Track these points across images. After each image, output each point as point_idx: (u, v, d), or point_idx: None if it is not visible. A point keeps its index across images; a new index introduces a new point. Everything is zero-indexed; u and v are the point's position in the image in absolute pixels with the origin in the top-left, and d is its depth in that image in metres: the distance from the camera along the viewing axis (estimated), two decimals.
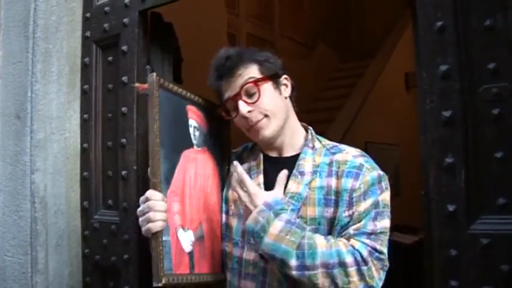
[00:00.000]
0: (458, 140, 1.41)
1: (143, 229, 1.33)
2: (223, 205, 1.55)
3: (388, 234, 1.34)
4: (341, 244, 1.26)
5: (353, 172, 1.36)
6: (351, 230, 1.30)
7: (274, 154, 1.53)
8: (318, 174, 1.41)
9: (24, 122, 2.31)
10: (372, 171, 1.36)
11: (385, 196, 1.36)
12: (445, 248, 1.41)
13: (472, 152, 1.40)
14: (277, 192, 1.35)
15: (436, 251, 1.44)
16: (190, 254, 1.44)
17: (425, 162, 1.48)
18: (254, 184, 1.36)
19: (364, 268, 1.24)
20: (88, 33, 2.39)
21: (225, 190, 1.56)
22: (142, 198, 1.34)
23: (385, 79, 6.35)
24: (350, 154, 1.42)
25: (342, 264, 1.23)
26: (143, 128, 2.06)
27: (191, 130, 1.53)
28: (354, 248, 1.25)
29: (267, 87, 1.44)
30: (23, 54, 2.35)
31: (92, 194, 2.32)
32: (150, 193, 1.33)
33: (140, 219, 1.34)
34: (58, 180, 2.32)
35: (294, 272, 1.24)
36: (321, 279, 1.24)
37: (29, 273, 2.24)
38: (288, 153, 1.50)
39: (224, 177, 1.59)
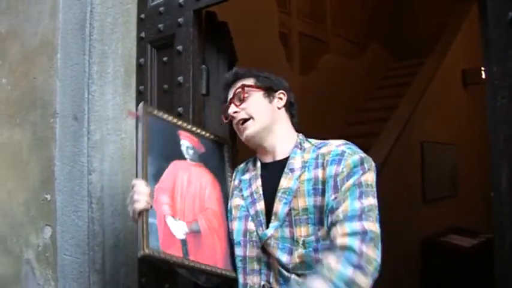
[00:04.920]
0: None
1: (130, 213, 1.49)
2: (228, 215, 1.70)
3: (376, 210, 1.43)
4: (334, 263, 1.32)
5: (336, 159, 1.49)
6: (340, 215, 1.39)
7: (269, 160, 1.68)
8: (306, 168, 1.55)
9: (82, 123, 2.34)
10: (353, 155, 1.49)
11: (368, 177, 1.46)
12: None
13: None
14: None
15: (509, 258, 1.34)
16: (183, 241, 1.54)
17: (495, 162, 1.38)
18: None
19: (362, 262, 1.31)
20: (143, 34, 2.39)
21: (229, 202, 1.72)
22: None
23: (441, 77, 6.15)
24: (333, 145, 1.56)
25: (351, 283, 1.29)
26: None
27: (183, 148, 1.71)
28: (345, 248, 1.33)
29: (256, 93, 1.66)
30: (80, 56, 2.39)
31: None
32: (134, 181, 1.52)
33: (128, 206, 1.50)
34: (114, 181, 2.34)
35: None
36: None
37: (86, 273, 2.26)
38: (280, 156, 1.65)
39: (227, 192, 1.75)
